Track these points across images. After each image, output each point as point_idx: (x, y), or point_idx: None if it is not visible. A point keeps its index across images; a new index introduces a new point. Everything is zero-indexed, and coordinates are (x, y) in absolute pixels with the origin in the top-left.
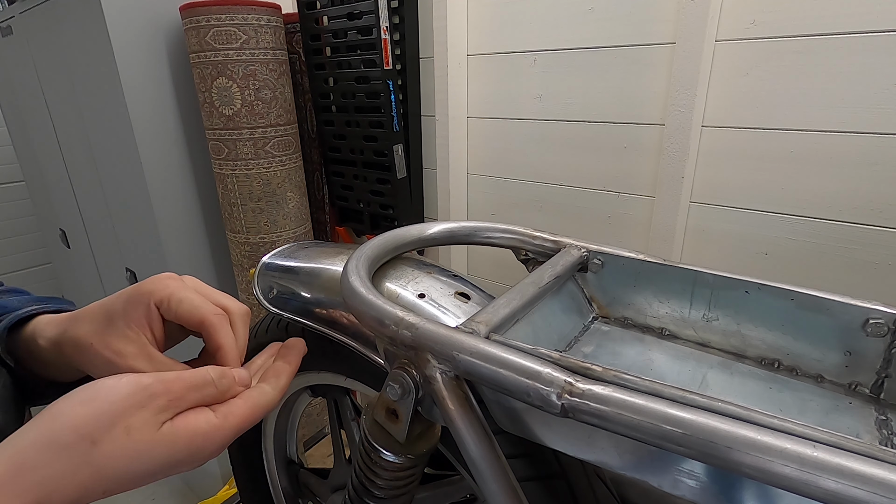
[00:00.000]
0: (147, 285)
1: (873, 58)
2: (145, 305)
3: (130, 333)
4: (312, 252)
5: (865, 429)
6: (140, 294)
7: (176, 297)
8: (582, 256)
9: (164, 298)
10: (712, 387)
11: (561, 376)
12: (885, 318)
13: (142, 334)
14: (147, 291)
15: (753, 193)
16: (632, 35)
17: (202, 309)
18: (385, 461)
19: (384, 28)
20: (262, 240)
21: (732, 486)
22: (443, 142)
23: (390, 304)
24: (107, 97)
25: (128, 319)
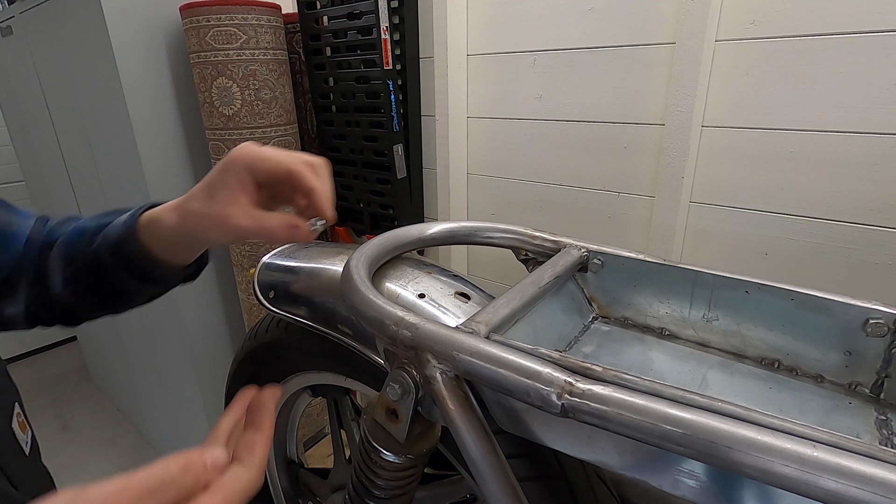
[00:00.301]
0: (235, 153)
1: (873, 58)
2: (237, 171)
3: (231, 197)
4: (312, 252)
5: (865, 429)
6: (231, 162)
7: (262, 156)
8: (582, 256)
9: (252, 161)
10: (712, 387)
11: (561, 376)
12: (885, 318)
13: (240, 197)
14: (236, 157)
15: (753, 193)
16: (632, 35)
17: (287, 159)
18: (385, 461)
19: (384, 28)
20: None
21: (732, 486)
22: (443, 142)
23: (390, 304)
24: (107, 97)
25: (225, 187)
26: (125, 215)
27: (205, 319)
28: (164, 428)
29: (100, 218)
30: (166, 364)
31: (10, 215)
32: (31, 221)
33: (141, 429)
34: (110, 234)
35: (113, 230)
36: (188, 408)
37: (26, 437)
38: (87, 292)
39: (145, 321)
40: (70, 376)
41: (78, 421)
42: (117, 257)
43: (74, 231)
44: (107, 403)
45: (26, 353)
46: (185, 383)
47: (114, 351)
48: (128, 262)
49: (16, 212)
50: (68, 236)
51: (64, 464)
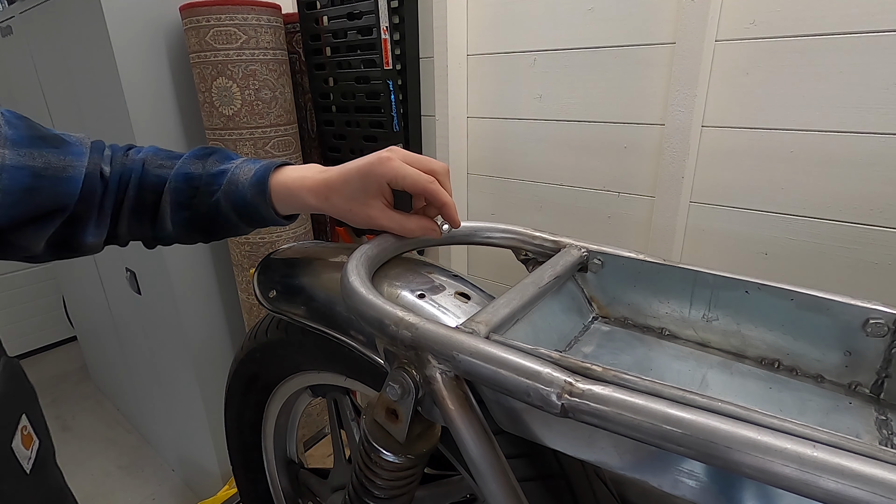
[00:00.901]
0: (377, 168)
1: (873, 58)
2: (379, 182)
3: (372, 202)
4: (312, 252)
5: (865, 429)
6: (374, 176)
7: (400, 175)
8: (582, 256)
9: (393, 178)
10: (712, 387)
11: (561, 376)
12: (885, 318)
13: (379, 201)
14: (380, 174)
15: (753, 193)
16: (632, 35)
17: (420, 181)
18: (385, 461)
19: (384, 28)
20: (262, 240)
21: (732, 486)
22: (443, 142)
23: (390, 304)
24: (107, 97)
25: (366, 193)
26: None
27: (205, 319)
28: (164, 428)
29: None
30: (166, 364)
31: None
32: (85, 160)
33: (141, 429)
34: (236, 192)
35: (239, 189)
36: (188, 408)
37: (29, 453)
38: (195, 231)
39: (145, 321)
40: (70, 376)
41: (78, 421)
42: (239, 214)
43: (181, 177)
44: (107, 403)
45: (26, 353)
46: (185, 383)
47: (114, 351)
48: (249, 218)
49: (69, 150)
50: (176, 183)
51: (64, 464)
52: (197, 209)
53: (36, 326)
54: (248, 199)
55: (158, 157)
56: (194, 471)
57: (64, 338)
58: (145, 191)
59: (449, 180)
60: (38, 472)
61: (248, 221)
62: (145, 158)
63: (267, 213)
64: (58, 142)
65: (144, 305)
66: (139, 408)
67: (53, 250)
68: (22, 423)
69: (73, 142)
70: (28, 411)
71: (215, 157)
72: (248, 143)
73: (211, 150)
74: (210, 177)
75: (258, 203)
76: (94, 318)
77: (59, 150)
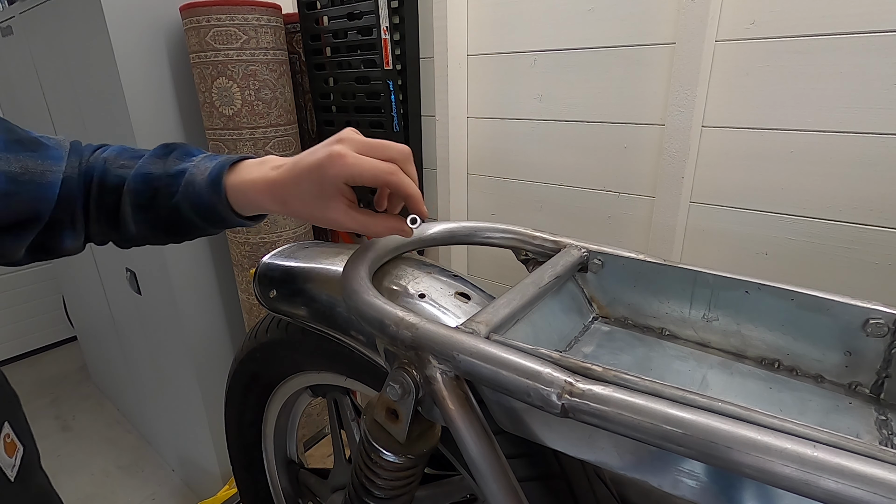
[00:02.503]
0: (329, 169)
1: (873, 58)
2: (335, 184)
3: (332, 203)
4: (312, 252)
5: (865, 429)
6: (328, 178)
7: (357, 173)
8: (582, 256)
9: (348, 178)
10: (712, 387)
11: (561, 376)
12: (885, 318)
13: (340, 202)
14: (333, 175)
15: (753, 193)
16: (632, 35)
17: (380, 174)
18: (385, 461)
19: (384, 28)
20: (262, 240)
21: (732, 486)
22: (443, 142)
23: (390, 305)
24: (107, 97)
25: (325, 196)
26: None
27: (205, 319)
28: (164, 428)
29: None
30: (166, 364)
31: (41, 162)
32: (63, 164)
33: (141, 429)
34: (194, 193)
35: (196, 190)
36: (188, 408)
37: (13, 460)
38: (160, 232)
39: (145, 321)
40: (70, 376)
41: (78, 421)
42: (200, 215)
43: (139, 178)
44: (107, 403)
45: (26, 353)
46: (185, 383)
47: (114, 351)
48: (210, 218)
49: (47, 155)
50: (135, 184)
51: (64, 464)
52: (157, 211)
53: (36, 326)
54: (206, 201)
55: (121, 157)
56: (194, 471)
57: (64, 338)
58: (105, 191)
59: (412, 165)
60: (22, 479)
61: (211, 222)
62: (108, 157)
63: (227, 216)
64: (35, 145)
65: (144, 305)
66: (139, 408)
67: (33, 254)
68: (4, 430)
69: (51, 145)
70: (10, 419)
71: (175, 155)
72: (249, 143)
73: (172, 147)
74: (169, 177)
75: (216, 204)
76: (94, 318)
77: (36, 153)
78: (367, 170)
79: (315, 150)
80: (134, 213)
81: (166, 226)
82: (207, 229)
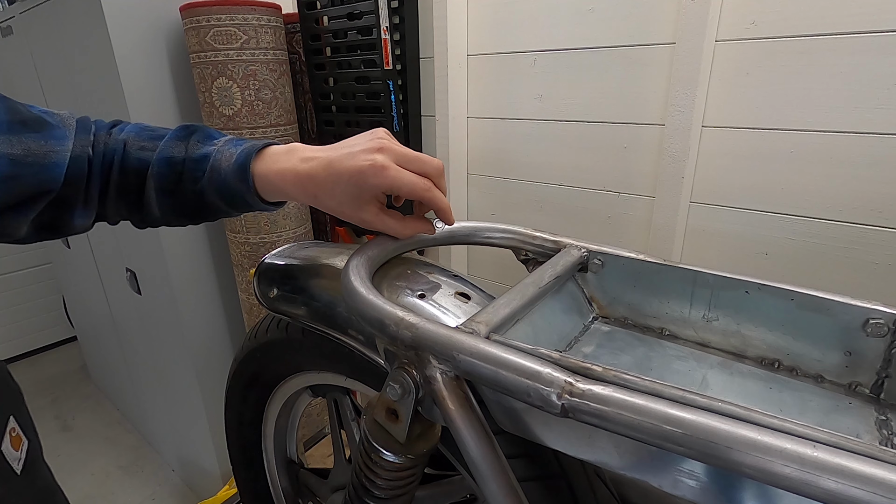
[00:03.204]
0: (371, 179)
1: (873, 58)
2: (373, 191)
3: (366, 207)
4: (312, 252)
5: (865, 429)
6: (368, 186)
7: (396, 186)
8: (582, 256)
9: (388, 189)
10: (712, 387)
11: (561, 376)
12: (885, 318)
13: (374, 206)
14: (374, 185)
15: (753, 193)
16: (632, 35)
17: (417, 190)
18: (385, 461)
19: (384, 28)
20: (262, 240)
21: (732, 486)
22: (443, 142)
23: (390, 304)
24: (107, 97)
25: (361, 200)
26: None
27: (205, 319)
28: (164, 428)
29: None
30: (166, 364)
31: (45, 143)
32: (68, 142)
33: (141, 429)
34: (220, 179)
35: (222, 176)
36: (188, 408)
37: (19, 454)
38: (182, 215)
39: (145, 321)
40: (70, 376)
41: (78, 421)
42: (226, 201)
43: (163, 162)
44: (107, 403)
45: (26, 353)
46: (185, 383)
47: (114, 351)
48: (234, 204)
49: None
50: (159, 168)
51: (64, 464)
52: (182, 195)
53: (36, 326)
54: (233, 188)
55: (140, 139)
56: (194, 471)
57: (64, 338)
58: (128, 174)
59: (444, 180)
60: (28, 472)
61: (236, 207)
62: (126, 139)
63: (253, 202)
64: (39, 125)
65: (144, 305)
66: (139, 408)
67: (40, 233)
68: (10, 424)
69: (55, 123)
70: (16, 413)
71: (197, 137)
72: None
73: (192, 128)
74: (193, 162)
75: (243, 191)
76: (94, 318)
77: (40, 134)
78: (406, 184)
79: (353, 153)
80: (158, 198)
81: (190, 209)
82: (231, 213)
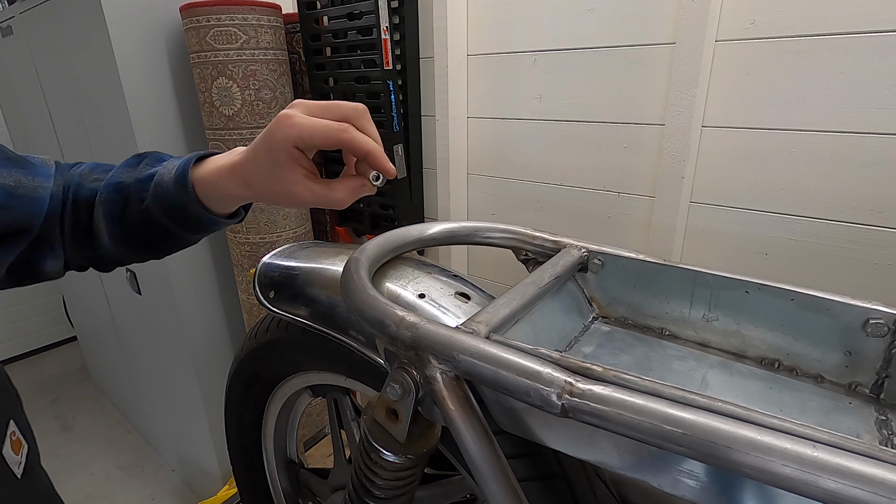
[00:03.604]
0: (277, 132)
1: (873, 58)
2: (287, 151)
3: (289, 175)
4: (312, 252)
5: (865, 429)
6: (277, 141)
7: (306, 133)
8: (582, 256)
9: (297, 139)
10: (712, 387)
11: (561, 376)
12: (885, 318)
13: (297, 172)
14: (282, 138)
15: (753, 193)
16: (632, 35)
17: (331, 133)
18: (385, 461)
19: (384, 28)
20: (262, 240)
21: (732, 486)
22: (443, 142)
23: (390, 305)
24: (107, 97)
25: (280, 166)
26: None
27: (205, 319)
28: (164, 428)
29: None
30: (166, 364)
31: (32, 178)
32: (51, 181)
33: (141, 429)
34: (163, 193)
35: (164, 189)
36: (188, 408)
37: (20, 458)
38: (135, 245)
39: (145, 321)
40: (70, 376)
41: (78, 421)
42: (172, 217)
43: (111, 188)
44: (107, 403)
45: (26, 353)
46: (185, 383)
47: (114, 351)
48: (183, 220)
49: (36, 171)
50: (107, 194)
51: (64, 464)
52: (129, 219)
53: (36, 326)
54: (174, 199)
55: (95, 172)
56: (194, 471)
57: (64, 338)
58: (79, 206)
59: (369, 122)
60: (28, 477)
61: (184, 225)
62: (82, 172)
63: (198, 212)
64: (24, 163)
65: (144, 305)
66: (139, 408)
67: (15, 276)
68: (10, 428)
69: (37, 163)
70: (15, 417)
71: (146, 162)
72: (249, 143)
73: (143, 155)
74: (139, 182)
75: (185, 200)
76: (94, 318)
77: (26, 170)
78: (316, 128)
79: None
80: (107, 226)
81: (141, 236)
82: (184, 235)
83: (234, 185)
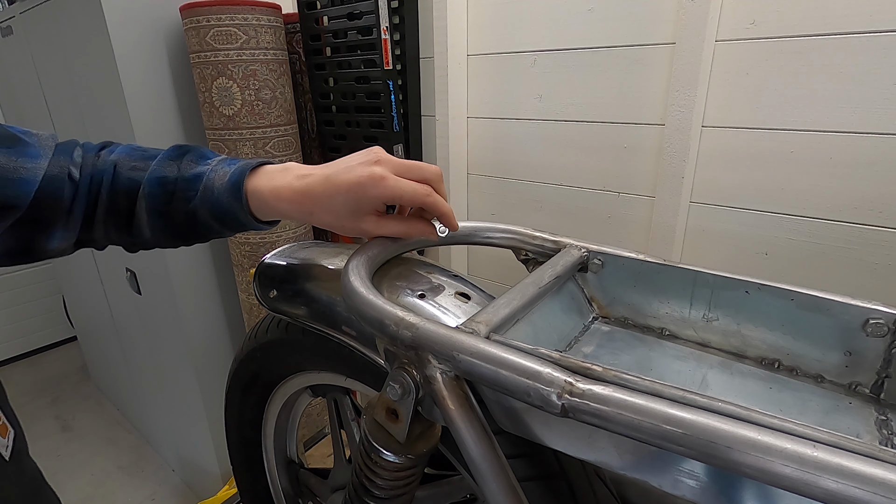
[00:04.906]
0: (371, 190)
1: (873, 58)
2: (372, 202)
3: (365, 218)
4: (312, 252)
5: (865, 429)
6: (368, 198)
7: (397, 196)
8: (582, 256)
9: (389, 199)
10: (712, 387)
11: (561, 376)
12: (885, 318)
13: (373, 216)
14: (374, 196)
15: (753, 193)
16: (632, 35)
17: (418, 197)
18: (385, 461)
19: (384, 28)
20: (262, 240)
21: (732, 486)
22: (443, 142)
23: (390, 304)
24: (107, 97)
25: (360, 212)
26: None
27: (205, 319)
28: (164, 428)
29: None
30: (166, 364)
31: (15, 159)
32: (41, 161)
33: (141, 429)
34: (213, 199)
35: (215, 195)
36: (188, 408)
37: (6, 441)
38: (174, 237)
39: (145, 321)
40: (70, 376)
41: (78, 421)
42: (219, 220)
43: (154, 182)
44: (107, 403)
45: (26, 353)
46: (185, 383)
47: (114, 351)
48: (230, 224)
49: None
50: (150, 188)
51: (64, 464)
52: (174, 216)
53: (36, 326)
54: (225, 207)
55: (131, 159)
56: (194, 471)
57: (64, 338)
58: (118, 195)
59: (443, 184)
60: (16, 460)
61: (229, 227)
62: (117, 160)
63: (246, 220)
64: (12, 141)
65: (144, 305)
66: (139, 408)
67: (14, 256)
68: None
69: (31, 143)
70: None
71: (190, 157)
72: (249, 143)
73: (185, 149)
74: (185, 181)
75: (236, 210)
76: (94, 318)
77: (11, 150)
78: (406, 192)
79: (350, 166)
80: (150, 219)
81: (182, 230)
82: (223, 232)
83: (295, 211)
